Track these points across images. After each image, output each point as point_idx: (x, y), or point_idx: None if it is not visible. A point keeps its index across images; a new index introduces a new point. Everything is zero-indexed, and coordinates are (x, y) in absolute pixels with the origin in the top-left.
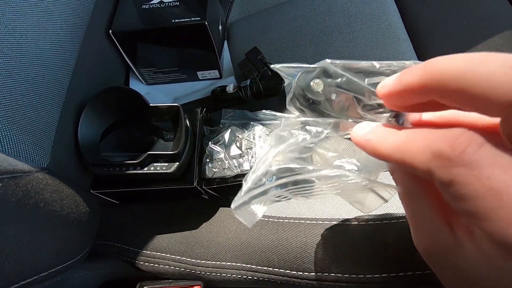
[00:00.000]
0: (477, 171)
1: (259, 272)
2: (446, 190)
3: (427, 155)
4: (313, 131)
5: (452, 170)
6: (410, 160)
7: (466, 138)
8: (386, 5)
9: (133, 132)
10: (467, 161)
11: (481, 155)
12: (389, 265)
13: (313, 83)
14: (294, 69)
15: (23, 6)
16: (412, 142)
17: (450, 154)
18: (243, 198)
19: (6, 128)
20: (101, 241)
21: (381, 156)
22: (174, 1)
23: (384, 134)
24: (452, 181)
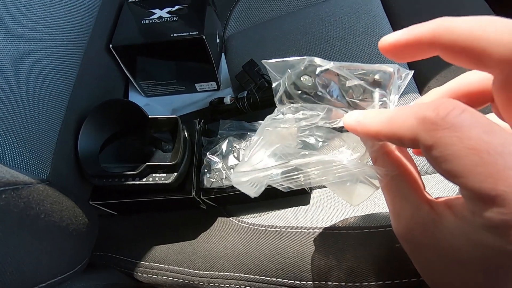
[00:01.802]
0: (459, 132)
1: (257, 282)
2: (430, 153)
3: (413, 122)
4: (308, 114)
5: (436, 133)
6: (398, 130)
7: (450, 103)
8: (378, 19)
9: (132, 143)
10: (450, 124)
11: (463, 118)
12: (385, 272)
13: (303, 78)
14: (283, 63)
15: (27, 23)
16: (399, 114)
17: (434, 118)
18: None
19: (8, 141)
20: (99, 252)
21: (372, 134)
22: (173, 16)
23: (374, 114)
24: (436, 143)
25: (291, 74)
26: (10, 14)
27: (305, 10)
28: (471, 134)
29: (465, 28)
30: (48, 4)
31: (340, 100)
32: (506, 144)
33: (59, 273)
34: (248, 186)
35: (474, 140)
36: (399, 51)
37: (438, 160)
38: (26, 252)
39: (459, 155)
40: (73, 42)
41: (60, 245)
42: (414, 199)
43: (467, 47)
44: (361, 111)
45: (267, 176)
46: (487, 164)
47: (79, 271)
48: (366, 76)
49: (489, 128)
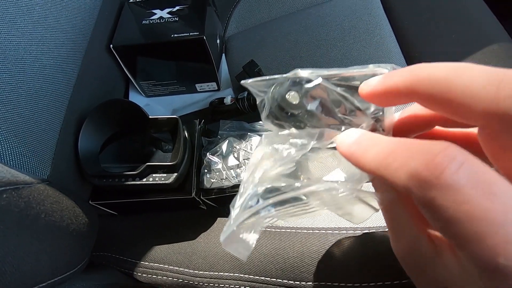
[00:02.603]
0: (456, 195)
1: (257, 282)
2: (424, 210)
3: (405, 175)
4: (298, 144)
5: (430, 192)
6: (390, 177)
7: (445, 157)
8: (378, 19)
9: (132, 143)
10: (445, 184)
11: (461, 177)
12: (384, 273)
13: (288, 95)
14: (264, 82)
15: (27, 23)
16: (391, 158)
17: (427, 176)
18: (232, 227)
19: (9, 141)
20: (99, 252)
21: (366, 171)
22: (173, 17)
23: (367, 146)
24: (430, 203)
25: (274, 94)
26: (10, 14)
27: (305, 11)
28: (469, 197)
29: (442, 78)
30: (49, 4)
31: (333, 116)
32: (508, 212)
33: (59, 273)
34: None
35: (473, 205)
36: (377, 99)
37: (433, 219)
38: (26, 252)
39: (455, 221)
40: (74, 42)
41: (60, 245)
42: (412, 228)
43: (445, 100)
44: (353, 134)
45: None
46: (486, 235)
47: (79, 271)
48: (359, 83)
49: (490, 190)
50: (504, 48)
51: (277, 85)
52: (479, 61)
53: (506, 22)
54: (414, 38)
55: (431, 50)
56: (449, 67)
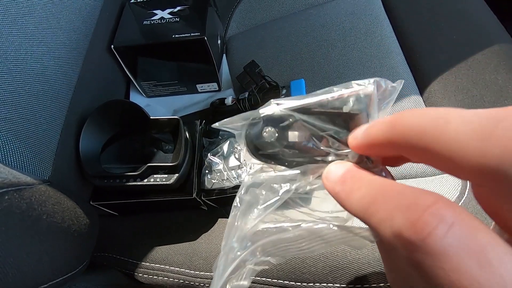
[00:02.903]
0: (444, 263)
1: (258, 283)
2: (412, 269)
3: (390, 231)
4: (282, 188)
5: (416, 256)
6: (375, 228)
7: (432, 216)
8: (379, 20)
9: (133, 144)
10: (431, 249)
11: (450, 241)
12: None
13: (265, 132)
14: (238, 124)
15: (28, 24)
16: (375, 208)
17: (412, 237)
18: (219, 284)
19: (10, 142)
20: (100, 253)
21: (351, 213)
22: (174, 17)
23: (351, 187)
24: (418, 267)
25: (249, 135)
26: (12, 16)
27: (306, 11)
28: (460, 267)
29: (420, 131)
30: (50, 6)
31: (316, 148)
32: (507, 286)
33: (60, 274)
34: None
35: (464, 276)
36: (368, 151)
37: (423, 281)
38: (28, 253)
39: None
40: (75, 43)
41: (61, 246)
42: (405, 265)
43: (430, 155)
44: (338, 170)
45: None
46: None
47: (80, 271)
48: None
49: (485, 258)
50: (505, 48)
51: (251, 125)
52: (480, 61)
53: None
54: (415, 38)
55: (432, 50)
56: (427, 117)
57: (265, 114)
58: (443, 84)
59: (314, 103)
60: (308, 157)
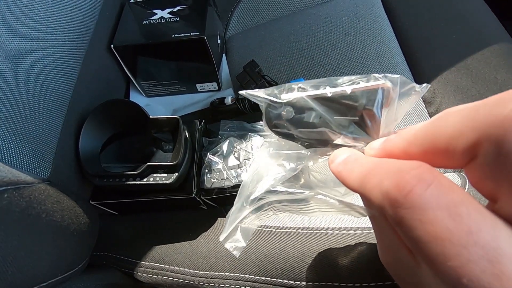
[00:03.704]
0: (421, 215)
1: (257, 282)
2: (397, 228)
3: (378, 193)
4: (289, 166)
5: (399, 212)
6: (368, 195)
7: (414, 177)
8: (379, 19)
9: (133, 143)
10: (412, 204)
11: (427, 197)
12: (385, 273)
13: (283, 112)
14: (261, 100)
15: (28, 23)
16: (369, 177)
17: (397, 195)
18: (229, 229)
19: (10, 140)
20: (100, 252)
21: (350, 189)
22: (174, 17)
23: (352, 166)
24: (400, 223)
25: (268, 114)
26: (12, 14)
27: (306, 11)
28: (434, 218)
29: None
30: (50, 4)
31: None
32: (472, 232)
33: (59, 273)
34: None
35: (437, 226)
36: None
37: (404, 237)
38: (27, 252)
39: (421, 241)
40: (75, 42)
41: (61, 245)
42: (395, 240)
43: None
44: (344, 154)
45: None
46: (450, 255)
47: (80, 270)
48: (354, 102)
49: (455, 210)
50: (505, 48)
51: (272, 106)
52: (479, 61)
53: (506, 22)
54: (415, 38)
55: (431, 49)
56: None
57: (286, 100)
58: (443, 83)
59: (333, 94)
60: (319, 139)
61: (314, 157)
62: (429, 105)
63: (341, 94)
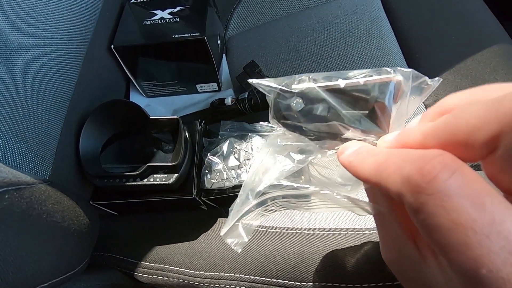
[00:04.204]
0: (445, 202)
1: (257, 283)
2: (414, 216)
3: (398, 179)
4: (297, 158)
5: (421, 198)
6: (384, 183)
7: (438, 163)
8: (378, 20)
9: (133, 144)
10: (435, 190)
11: (451, 184)
12: (385, 274)
13: (293, 103)
14: (271, 87)
15: (29, 24)
16: (386, 164)
17: (419, 181)
18: (231, 223)
19: (10, 141)
20: (100, 253)
21: (362, 179)
22: (174, 17)
23: (365, 156)
24: (421, 209)
25: (278, 104)
26: (12, 15)
27: (305, 11)
28: (458, 206)
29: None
30: (50, 5)
31: (337, 127)
32: (495, 222)
33: (60, 273)
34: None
35: (460, 214)
36: None
37: (421, 226)
38: (28, 253)
39: (442, 228)
40: (75, 43)
41: (61, 246)
42: (401, 236)
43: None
44: (354, 146)
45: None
46: (471, 244)
47: (80, 271)
48: (366, 94)
49: (479, 200)
50: (504, 49)
51: (282, 96)
52: (479, 61)
53: (506, 23)
54: (415, 39)
55: (431, 50)
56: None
57: (298, 90)
58: (442, 84)
59: (346, 86)
60: (328, 133)
61: (322, 150)
62: (428, 105)
63: (353, 85)
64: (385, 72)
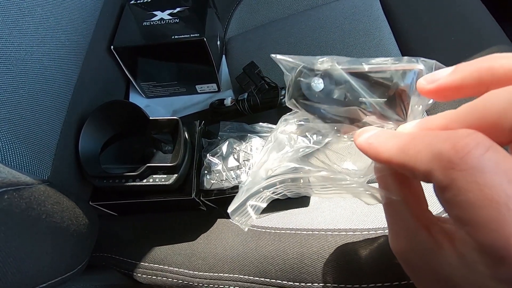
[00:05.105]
0: (479, 178)
1: (256, 283)
2: (443, 194)
3: (428, 156)
4: (313, 139)
5: (452, 173)
6: (411, 161)
7: (472, 139)
8: (378, 22)
9: (132, 144)
10: (469, 165)
11: (486, 160)
12: (384, 274)
13: (313, 83)
14: (293, 63)
15: (29, 24)
16: (413, 143)
17: (452, 156)
18: (239, 200)
19: (10, 142)
20: (99, 253)
21: (383, 160)
22: (174, 18)
23: (387, 137)
24: (451, 186)
25: (299, 82)
26: (12, 16)
27: (305, 12)
28: (492, 182)
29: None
30: (50, 6)
31: (357, 111)
32: None
33: (59, 274)
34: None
35: (494, 190)
36: (440, 95)
37: (450, 203)
38: (27, 253)
39: (474, 204)
40: (75, 44)
41: (60, 246)
42: (413, 224)
43: None
44: (374, 131)
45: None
46: (504, 221)
47: (79, 271)
48: (389, 81)
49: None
50: (503, 50)
51: (304, 74)
52: None
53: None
54: (414, 40)
55: (430, 51)
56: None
57: (322, 70)
58: None
59: (370, 70)
60: (345, 117)
61: (339, 133)
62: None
63: (377, 70)
64: (408, 60)
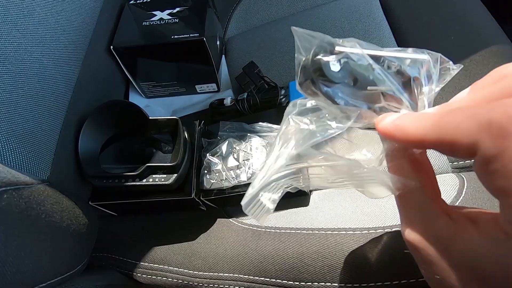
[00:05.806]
0: None
1: (256, 283)
2: (489, 164)
3: (473, 126)
4: (335, 125)
5: (504, 142)
6: (450, 136)
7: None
8: (378, 22)
9: (132, 144)
10: None
11: None
12: (384, 273)
13: (332, 64)
14: (316, 40)
15: (28, 24)
16: (452, 116)
17: (504, 123)
18: (253, 191)
19: (9, 141)
20: (99, 253)
21: (415, 139)
22: (174, 18)
23: (416, 117)
24: (501, 155)
25: (318, 60)
26: (11, 16)
27: (305, 12)
28: None
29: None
30: (50, 6)
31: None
32: None
33: (59, 274)
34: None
35: None
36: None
37: (497, 174)
38: (27, 253)
39: None
40: (74, 44)
41: (60, 246)
42: (432, 210)
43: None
44: (398, 114)
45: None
46: None
47: (79, 271)
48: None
49: None
50: (503, 50)
51: (323, 52)
52: (477, 62)
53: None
54: (413, 40)
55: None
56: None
57: (344, 51)
58: None
59: (389, 56)
60: (362, 102)
61: (358, 119)
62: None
63: (397, 56)
64: (419, 52)
